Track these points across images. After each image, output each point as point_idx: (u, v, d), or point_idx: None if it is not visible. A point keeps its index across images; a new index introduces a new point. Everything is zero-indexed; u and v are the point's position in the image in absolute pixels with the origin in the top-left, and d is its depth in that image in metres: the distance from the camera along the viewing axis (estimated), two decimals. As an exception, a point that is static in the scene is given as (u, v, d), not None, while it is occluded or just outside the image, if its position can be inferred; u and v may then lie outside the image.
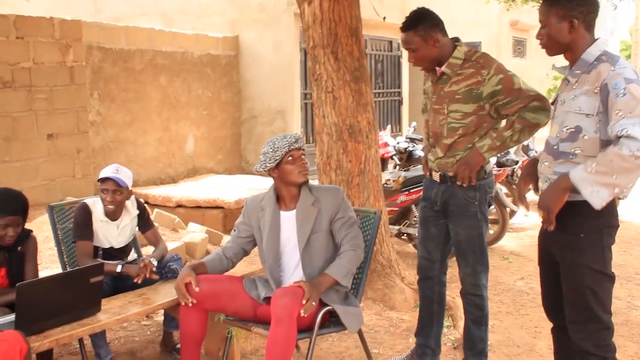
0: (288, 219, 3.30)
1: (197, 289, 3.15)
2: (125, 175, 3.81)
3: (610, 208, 2.65)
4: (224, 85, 9.88)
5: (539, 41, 2.76)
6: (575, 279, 2.68)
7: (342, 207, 3.30)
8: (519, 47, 17.55)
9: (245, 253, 3.47)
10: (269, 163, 3.20)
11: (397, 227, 6.20)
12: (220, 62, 9.78)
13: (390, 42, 12.52)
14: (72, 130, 7.10)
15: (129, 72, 8.21)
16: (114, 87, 8.00)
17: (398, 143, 7.81)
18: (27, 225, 5.85)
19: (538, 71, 15.96)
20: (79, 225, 3.75)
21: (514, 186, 7.22)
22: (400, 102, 13.10)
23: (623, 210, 8.17)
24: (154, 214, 6.71)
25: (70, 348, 4.02)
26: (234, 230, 3.45)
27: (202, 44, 9.45)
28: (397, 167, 7.86)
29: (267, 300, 3.21)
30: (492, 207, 6.40)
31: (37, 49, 6.66)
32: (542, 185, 2.82)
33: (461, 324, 4.00)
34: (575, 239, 2.66)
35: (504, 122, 3.44)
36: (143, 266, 3.63)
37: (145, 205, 4.09)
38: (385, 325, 4.40)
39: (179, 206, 7.55)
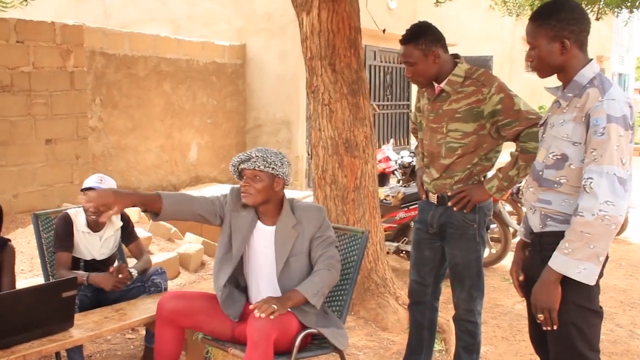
0: (265, 233, 3.17)
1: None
2: (109, 185, 3.72)
3: None
4: (229, 93, 9.80)
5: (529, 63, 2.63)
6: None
7: (323, 226, 3.16)
8: (532, 62, 17.38)
9: (204, 219, 3.19)
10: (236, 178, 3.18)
11: (395, 244, 6.07)
12: (226, 71, 9.70)
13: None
14: (71, 136, 7.02)
15: (132, 78, 8.14)
16: (117, 93, 7.94)
17: (402, 157, 7.70)
18: (22, 232, 5.85)
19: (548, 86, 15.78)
20: (59, 235, 3.66)
21: (518, 204, 7.06)
22: (408, 115, 12.99)
23: (630, 233, 8.04)
24: (150, 223, 6.63)
25: (50, 360, 3.92)
26: (212, 197, 3.22)
27: (208, 51, 9.37)
28: (400, 182, 7.75)
29: (242, 317, 3.10)
30: (495, 225, 6.27)
31: (37, 54, 6.59)
32: (528, 213, 2.68)
33: (453, 349, 3.86)
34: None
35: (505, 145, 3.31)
36: (114, 271, 3.51)
37: (130, 217, 3.98)
38: (375, 347, 4.26)
39: (178, 215, 7.45)
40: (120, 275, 3.55)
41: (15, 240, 5.67)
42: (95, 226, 3.74)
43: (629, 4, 5.73)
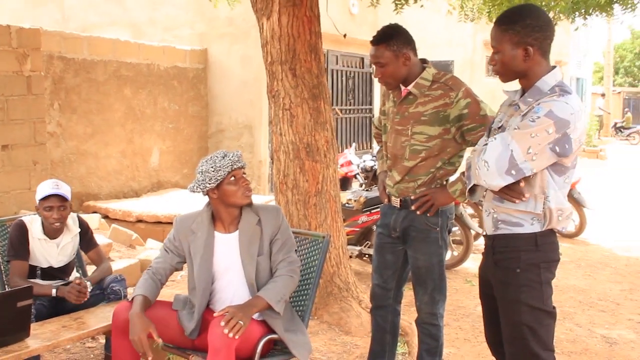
0: (226, 241, 3.13)
1: (160, 341, 2.95)
2: (66, 190, 3.66)
3: (550, 242, 2.57)
4: (191, 98, 9.72)
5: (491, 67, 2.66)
6: (512, 315, 2.58)
7: (282, 228, 3.15)
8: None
9: (177, 270, 3.27)
10: (209, 183, 3.02)
11: (358, 248, 6.09)
12: (188, 75, 9.62)
13: (362, 59, 12.46)
14: (28, 142, 6.88)
15: (92, 82, 8.02)
16: (76, 97, 7.81)
17: (364, 161, 7.71)
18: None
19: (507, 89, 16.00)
20: (13, 244, 3.57)
21: (480, 207, 7.13)
22: (371, 119, 13.04)
23: (588, 234, 8.19)
24: (110, 230, 6.54)
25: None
26: (164, 248, 3.24)
27: (169, 56, 9.29)
28: (363, 186, 7.76)
29: (197, 333, 3.06)
30: (457, 228, 6.32)
31: (-8, 57, 6.46)
32: (484, 216, 2.72)
33: (416, 351, 3.88)
34: (511, 274, 2.56)
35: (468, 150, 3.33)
36: (73, 288, 3.46)
37: (88, 224, 3.91)
38: (339, 352, 4.26)
39: (140, 221, 7.39)
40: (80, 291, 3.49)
41: (-30, 249, 5.54)
42: (52, 233, 3.66)
43: (583, 10, 5.85)
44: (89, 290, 3.55)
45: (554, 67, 2.55)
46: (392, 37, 3.23)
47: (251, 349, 2.96)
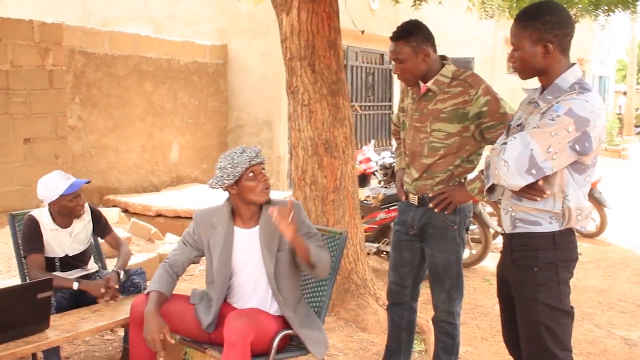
0: (246, 236, 3.13)
1: (172, 341, 2.97)
2: (72, 180, 3.70)
3: (568, 241, 2.54)
4: (211, 93, 9.76)
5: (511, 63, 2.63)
6: (529, 314, 2.56)
7: (305, 223, 3.15)
8: (513, 64, 17.45)
9: (194, 263, 3.30)
10: (227, 180, 3.02)
11: (376, 245, 6.08)
12: (208, 70, 9.66)
13: (382, 55, 12.44)
14: (50, 135, 6.96)
15: (113, 77, 8.08)
16: (97, 92, 7.88)
17: (383, 158, 7.70)
18: (0, 232, 5.78)
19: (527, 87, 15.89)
20: (27, 239, 3.61)
21: (499, 205, 7.08)
22: (390, 116, 13.02)
23: (609, 234, 8.12)
24: (129, 224, 6.59)
25: (27, 362, 3.88)
26: (182, 241, 3.25)
27: (190, 51, 9.33)
28: (382, 183, 7.75)
29: (214, 327, 3.08)
30: (475, 226, 6.29)
31: (15, 52, 6.52)
32: (502, 214, 2.70)
33: (433, 349, 3.87)
34: (529, 272, 2.54)
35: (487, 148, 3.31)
36: (106, 287, 3.51)
37: (101, 211, 3.95)
38: (355, 348, 4.26)
39: (159, 215, 7.43)
40: (111, 285, 3.52)
41: (-8, 241, 5.62)
42: (63, 222, 3.69)
43: (605, 7, 5.78)
44: (121, 277, 3.61)
45: (574, 64, 2.52)
46: (411, 33, 3.21)
47: (267, 344, 2.97)
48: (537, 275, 2.52)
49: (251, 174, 3.03)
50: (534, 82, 2.60)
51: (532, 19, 2.47)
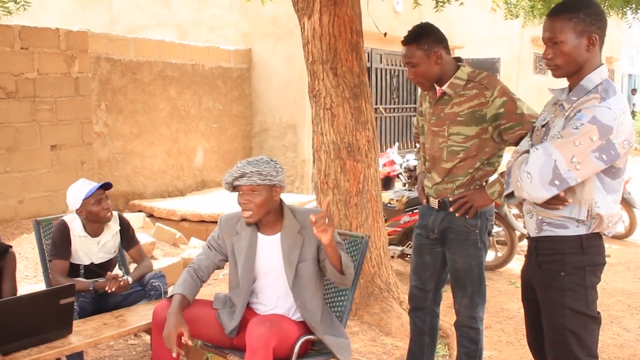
0: (269, 243, 3.13)
1: (190, 342, 2.97)
2: (94, 185, 3.74)
3: (595, 245, 2.49)
4: (235, 98, 9.80)
5: (546, 60, 2.52)
6: (555, 319, 2.51)
7: None
8: (540, 63, 17.29)
9: (219, 268, 3.30)
10: (229, 190, 3.07)
11: (400, 248, 6.04)
12: (232, 75, 9.70)
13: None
14: (76, 142, 7.04)
15: (138, 83, 8.16)
16: (122, 98, 7.95)
17: (407, 161, 7.65)
18: (27, 238, 5.86)
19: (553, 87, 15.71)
20: (55, 244, 3.66)
21: (525, 207, 7.01)
22: (413, 118, 12.95)
23: (638, 236, 7.96)
24: (154, 229, 6.63)
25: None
26: (207, 246, 3.26)
27: (214, 56, 9.38)
28: (406, 186, 7.70)
29: (236, 332, 3.07)
30: (501, 228, 6.22)
31: (41, 60, 6.61)
32: (526, 218, 2.65)
33: (456, 354, 3.83)
34: (555, 277, 2.49)
35: (508, 150, 3.26)
36: (110, 278, 3.55)
37: (129, 222, 3.98)
38: (379, 353, 4.23)
39: (184, 220, 7.47)
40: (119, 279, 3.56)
41: (21, 246, 5.69)
42: (93, 231, 3.74)
43: (633, 5, 5.68)
44: (130, 283, 3.61)
45: (601, 64, 2.47)
46: (422, 36, 3.18)
47: (289, 349, 2.96)
48: (564, 279, 2.47)
49: (240, 192, 3.02)
50: (563, 82, 2.55)
51: (577, 10, 2.40)
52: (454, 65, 3.24)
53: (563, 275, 2.47)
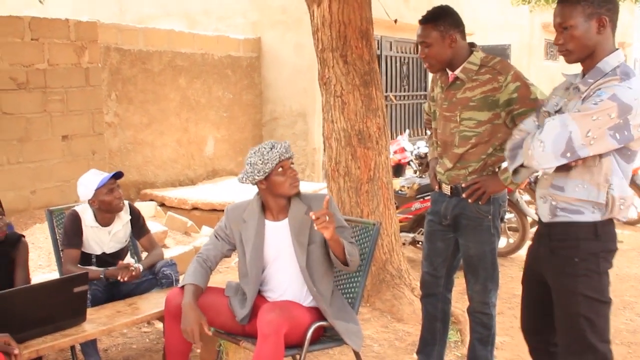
0: (276, 229, 3.14)
1: (210, 333, 3.00)
2: (104, 175, 3.76)
3: (609, 231, 2.49)
4: (245, 87, 9.79)
5: (558, 47, 2.53)
6: (569, 306, 2.50)
7: (336, 217, 3.13)
8: (551, 49, 17.17)
9: (226, 257, 3.33)
10: (258, 175, 3.03)
11: (411, 235, 6.04)
12: (242, 64, 9.69)
13: (417, 45, 12.31)
14: (87, 132, 7.06)
15: (148, 73, 8.16)
16: (132, 88, 7.96)
17: (418, 148, 7.63)
18: (40, 228, 5.90)
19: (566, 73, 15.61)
20: (67, 233, 3.69)
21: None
22: (424, 105, 12.91)
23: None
24: (166, 217, 6.66)
25: (66, 354, 3.94)
26: (215, 235, 3.28)
27: (223, 45, 9.37)
28: (417, 173, 7.69)
29: (248, 319, 3.09)
30: (512, 215, 6.21)
31: (52, 51, 6.62)
32: (539, 203, 2.64)
33: (469, 339, 3.83)
34: (570, 263, 2.49)
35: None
36: (122, 267, 3.57)
37: (140, 211, 3.99)
38: (391, 339, 4.24)
39: (195, 209, 7.48)
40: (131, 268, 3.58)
41: (34, 236, 5.73)
42: (104, 221, 3.76)
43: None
44: (141, 272, 3.63)
45: (617, 48, 2.46)
46: (440, 17, 3.16)
47: (301, 335, 2.97)
48: (578, 265, 2.47)
49: (280, 169, 3.04)
50: (577, 68, 2.54)
51: None
52: (467, 50, 3.22)
53: (577, 261, 2.47)
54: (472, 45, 3.27)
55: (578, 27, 2.41)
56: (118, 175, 3.78)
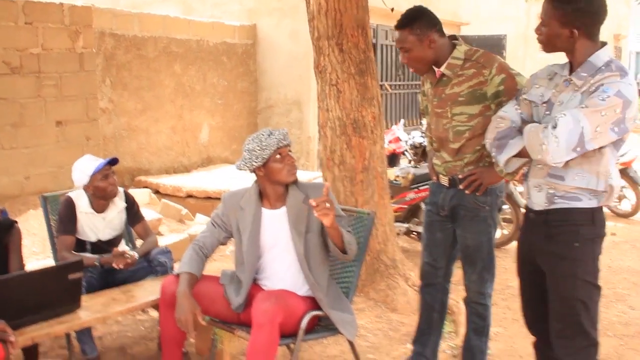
0: (273, 217, 3.14)
1: (204, 323, 3.01)
2: (100, 161, 3.75)
3: (602, 217, 2.58)
4: (240, 74, 9.75)
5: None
6: (566, 290, 2.57)
7: (333, 206, 3.13)
8: (547, 40, 17.15)
9: (222, 244, 3.33)
10: (256, 162, 3.03)
11: (406, 225, 6.05)
12: (237, 51, 9.65)
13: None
14: (81, 118, 7.02)
15: (142, 59, 8.11)
16: (127, 74, 7.91)
17: (412, 137, 7.63)
18: (34, 214, 5.88)
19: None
20: (62, 219, 3.67)
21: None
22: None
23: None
24: (160, 205, 6.65)
25: (62, 342, 3.94)
26: (211, 222, 3.28)
27: (218, 32, 9.32)
28: (412, 162, 7.69)
29: (243, 308, 3.09)
30: (507, 206, 6.22)
31: (46, 35, 6.56)
32: (532, 192, 2.66)
33: (463, 330, 3.84)
34: (570, 248, 2.54)
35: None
36: (117, 254, 3.57)
37: (134, 198, 3.98)
38: (385, 329, 4.25)
39: (190, 196, 7.47)
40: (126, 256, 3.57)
41: (28, 222, 5.71)
42: (99, 207, 3.75)
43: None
44: (137, 259, 3.63)
45: (604, 44, 2.53)
46: (415, 20, 3.15)
47: (296, 324, 2.98)
48: (578, 250, 2.53)
49: (278, 156, 3.04)
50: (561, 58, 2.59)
51: (566, 3, 2.46)
52: (449, 45, 3.22)
53: (577, 246, 2.53)
54: (453, 38, 3.26)
55: (551, 28, 2.50)
56: (113, 162, 3.77)
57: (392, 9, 5.55)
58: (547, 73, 2.67)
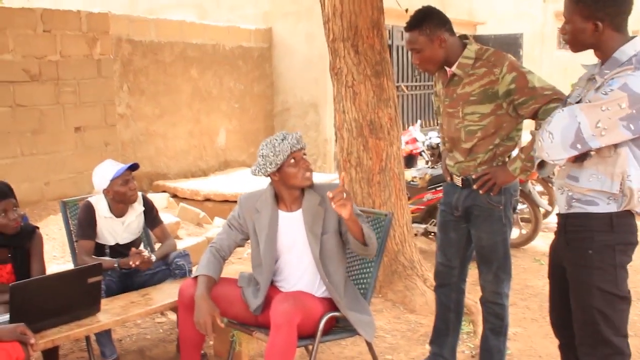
0: (290, 220, 3.14)
1: (222, 325, 3.02)
2: (120, 166, 3.78)
3: (626, 223, 2.43)
4: (256, 77, 9.79)
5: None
6: (583, 298, 2.47)
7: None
8: (564, 38, 17.02)
9: (239, 246, 3.34)
10: (270, 167, 3.03)
11: (423, 226, 6.03)
12: (253, 55, 9.69)
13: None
14: (99, 124, 7.10)
15: (159, 64, 8.17)
16: (144, 79, 7.98)
17: (430, 138, 7.59)
18: (54, 219, 5.94)
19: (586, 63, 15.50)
20: (81, 224, 3.71)
21: (549, 184, 6.94)
22: (437, 96, 12.85)
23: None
24: (178, 209, 6.68)
25: (82, 344, 3.98)
26: (228, 225, 3.29)
27: (234, 36, 9.36)
28: (429, 163, 7.66)
29: (261, 309, 3.10)
30: (525, 206, 6.18)
31: (64, 42, 6.65)
32: (557, 194, 2.61)
33: (481, 330, 3.82)
34: (584, 255, 2.45)
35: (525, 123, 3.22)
36: (134, 253, 3.61)
37: (153, 202, 4.01)
38: (403, 330, 4.25)
39: (207, 200, 7.50)
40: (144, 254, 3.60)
41: (48, 227, 5.77)
42: (117, 212, 3.78)
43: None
44: (153, 261, 3.65)
45: (634, 37, 2.40)
46: (424, 21, 3.13)
47: (314, 326, 2.98)
48: (592, 258, 2.43)
49: (293, 161, 3.04)
50: (588, 55, 2.52)
51: None
52: (460, 44, 3.20)
53: (591, 253, 2.43)
54: (464, 37, 3.25)
55: (575, 24, 2.40)
56: (134, 167, 3.80)
57: (407, 10, 5.53)
58: (587, 75, 2.57)
